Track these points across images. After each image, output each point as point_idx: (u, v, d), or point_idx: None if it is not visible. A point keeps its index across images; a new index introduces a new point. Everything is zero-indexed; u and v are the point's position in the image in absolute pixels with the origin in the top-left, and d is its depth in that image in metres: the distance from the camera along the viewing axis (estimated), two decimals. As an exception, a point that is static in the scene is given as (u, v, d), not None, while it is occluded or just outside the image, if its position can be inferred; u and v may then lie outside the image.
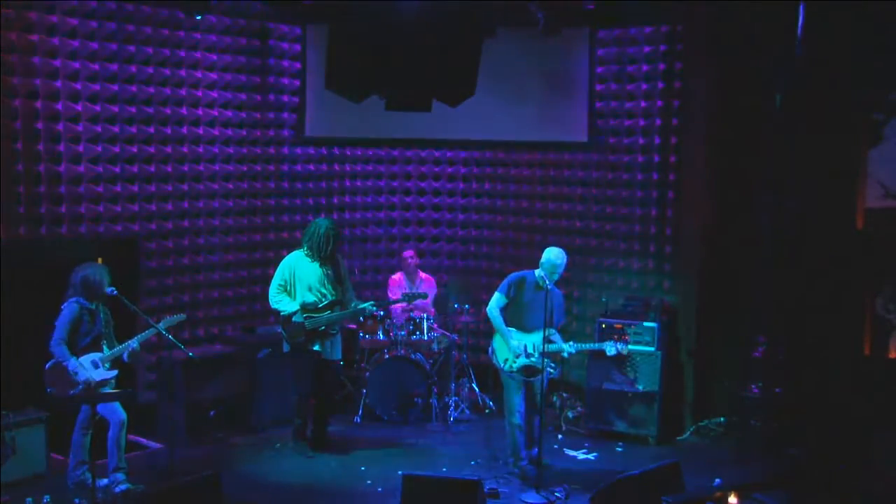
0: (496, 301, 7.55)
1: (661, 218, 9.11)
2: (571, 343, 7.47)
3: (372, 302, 8.37)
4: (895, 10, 7.53)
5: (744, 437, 8.37)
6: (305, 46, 9.43)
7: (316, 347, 7.89)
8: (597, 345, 7.80)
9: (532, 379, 7.44)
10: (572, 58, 9.38)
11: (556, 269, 7.37)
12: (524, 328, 7.50)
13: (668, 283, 9.07)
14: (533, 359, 7.37)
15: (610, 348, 7.57)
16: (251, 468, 7.71)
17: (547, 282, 7.31)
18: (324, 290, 7.91)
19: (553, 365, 7.49)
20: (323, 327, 7.89)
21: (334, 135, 9.81)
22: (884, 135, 8.04)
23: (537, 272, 7.46)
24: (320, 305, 7.88)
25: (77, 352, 6.88)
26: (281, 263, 8.04)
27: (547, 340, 7.26)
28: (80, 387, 6.80)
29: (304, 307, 7.85)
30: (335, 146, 9.94)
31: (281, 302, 7.89)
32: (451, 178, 10.31)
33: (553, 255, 7.40)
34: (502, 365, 7.48)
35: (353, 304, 8.05)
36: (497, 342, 7.57)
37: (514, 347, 7.43)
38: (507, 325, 7.51)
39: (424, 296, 8.98)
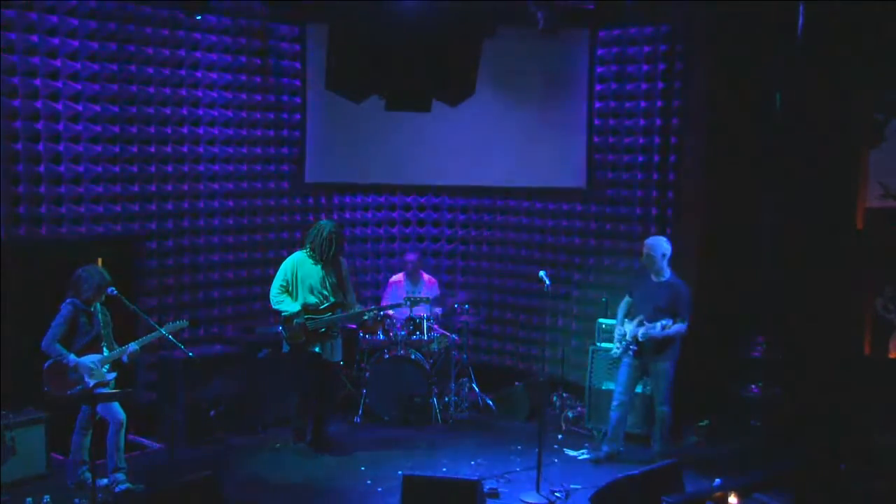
0: (623, 300, 8.07)
1: (662, 218, 9.11)
2: (638, 328, 7.68)
3: (374, 307, 8.36)
4: (895, 10, 7.53)
5: (744, 437, 8.37)
6: (306, 49, 9.42)
7: (316, 349, 7.90)
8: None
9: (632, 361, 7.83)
10: (572, 58, 9.39)
11: (651, 260, 7.69)
12: (638, 316, 7.79)
13: (668, 283, 9.06)
14: (618, 345, 7.88)
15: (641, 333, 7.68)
16: (251, 468, 7.71)
17: (657, 274, 7.71)
18: (325, 292, 7.91)
19: (634, 348, 7.74)
20: (323, 329, 7.89)
21: (334, 180, 9.84)
22: (884, 135, 8.04)
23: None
24: (321, 307, 7.89)
25: (75, 353, 6.88)
26: (283, 264, 8.04)
27: (640, 324, 7.67)
28: (78, 387, 6.81)
29: (306, 308, 7.85)
30: (335, 194, 9.95)
31: (283, 303, 7.89)
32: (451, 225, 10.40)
33: (644, 245, 7.81)
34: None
35: (355, 308, 8.05)
36: None
37: (616, 334, 7.94)
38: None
39: (427, 300, 8.99)
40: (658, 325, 7.55)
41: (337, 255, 7.97)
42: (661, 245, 7.72)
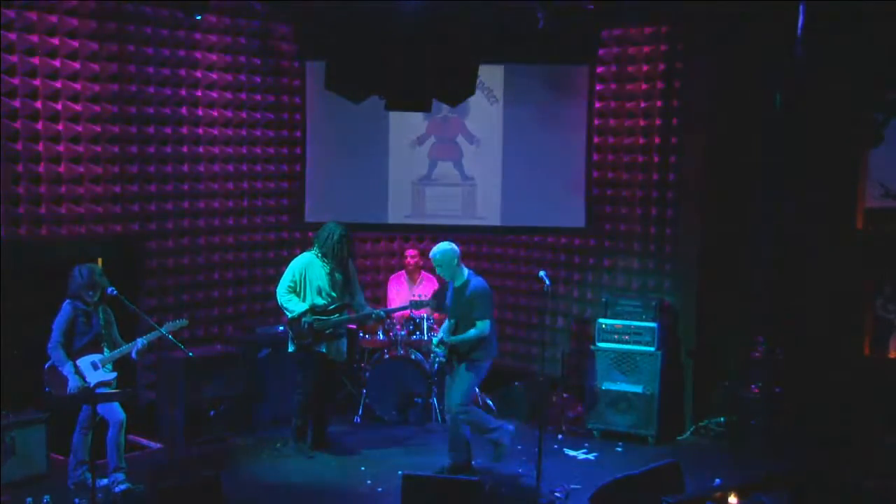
0: None
1: (661, 218, 9.11)
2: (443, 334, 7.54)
3: (383, 310, 8.37)
4: (895, 9, 7.53)
5: (744, 437, 8.38)
6: (305, 83, 9.46)
7: (322, 349, 7.91)
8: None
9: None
10: (571, 58, 9.38)
11: (448, 270, 7.45)
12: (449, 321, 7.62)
13: (668, 283, 9.07)
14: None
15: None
16: (251, 468, 7.72)
17: (455, 279, 7.46)
18: (333, 294, 7.92)
19: (442, 358, 7.61)
20: (330, 330, 7.90)
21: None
22: (884, 135, 8.04)
23: None
24: (330, 308, 7.89)
25: (75, 353, 6.89)
26: (291, 264, 8.05)
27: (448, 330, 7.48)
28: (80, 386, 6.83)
29: (314, 309, 7.85)
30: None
31: (290, 301, 7.89)
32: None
33: (433, 260, 7.52)
34: None
35: (363, 310, 8.07)
36: None
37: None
38: None
39: (432, 303, 8.98)
40: (446, 340, 7.41)
41: (348, 256, 7.98)
42: (449, 252, 7.40)
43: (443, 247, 7.44)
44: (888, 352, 8.10)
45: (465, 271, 7.51)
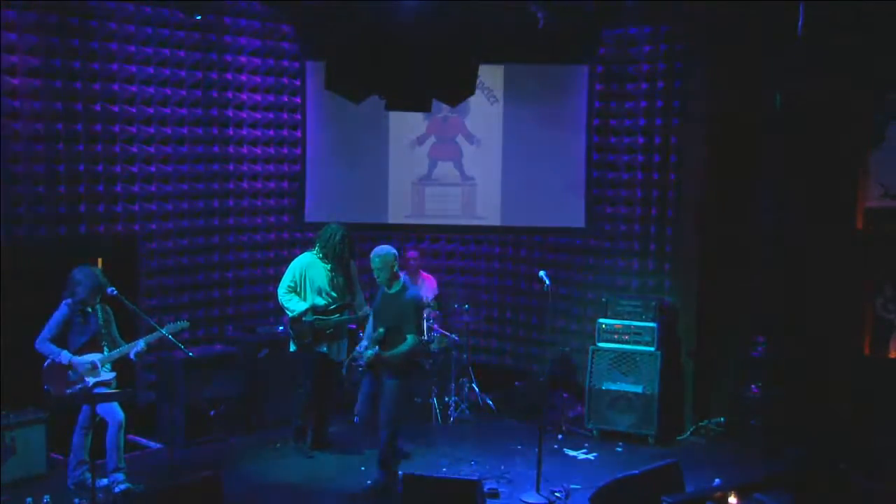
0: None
1: (661, 218, 9.11)
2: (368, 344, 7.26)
3: None
4: (895, 10, 7.52)
5: (744, 437, 8.38)
6: (305, 83, 9.46)
7: (323, 349, 7.91)
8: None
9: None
10: (572, 58, 9.39)
11: (386, 273, 7.15)
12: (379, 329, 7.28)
13: (668, 283, 9.07)
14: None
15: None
16: (251, 468, 7.72)
17: (389, 285, 7.21)
18: (334, 294, 7.92)
19: (361, 364, 7.30)
20: (331, 330, 7.90)
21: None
22: (884, 135, 8.03)
23: None
24: (330, 308, 7.89)
25: (74, 352, 6.89)
26: (292, 264, 8.05)
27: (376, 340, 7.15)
28: (78, 386, 6.82)
29: (314, 309, 7.85)
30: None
31: (291, 301, 7.89)
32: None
33: (371, 260, 7.22)
34: None
35: (363, 310, 8.07)
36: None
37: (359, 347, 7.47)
38: None
39: (432, 305, 8.97)
40: (383, 355, 7.06)
41: (349, 257, 7.99)
42: (389, 255, 7.12)
43: (382, 249, 7.17)
44: (888, 352, 8.09)
45: (402, 278, 7.27)
